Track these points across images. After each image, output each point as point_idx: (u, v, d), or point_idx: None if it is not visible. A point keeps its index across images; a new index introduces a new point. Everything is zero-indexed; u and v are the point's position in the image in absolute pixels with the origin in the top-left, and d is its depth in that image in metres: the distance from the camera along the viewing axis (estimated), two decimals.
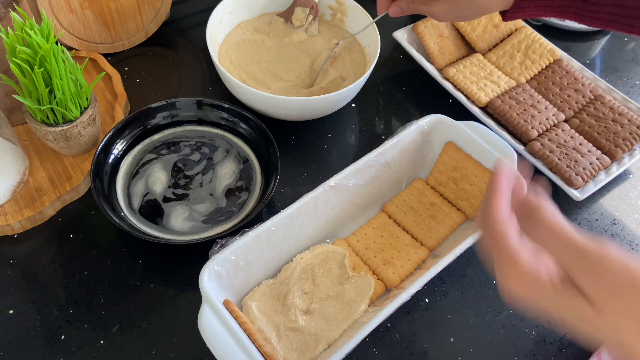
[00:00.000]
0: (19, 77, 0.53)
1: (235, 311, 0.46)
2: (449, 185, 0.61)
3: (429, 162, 0.63)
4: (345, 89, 0.63)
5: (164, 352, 0.51)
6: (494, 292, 0.58)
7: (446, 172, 0.61)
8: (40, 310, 0.53)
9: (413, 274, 0.55)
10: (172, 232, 0.57)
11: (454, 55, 0.76)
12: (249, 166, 0.64)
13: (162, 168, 0.62)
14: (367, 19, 0.72)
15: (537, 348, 0.54)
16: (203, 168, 0.63)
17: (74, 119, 0.58)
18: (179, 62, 0.77)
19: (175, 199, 0.60)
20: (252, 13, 0.77)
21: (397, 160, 0.61)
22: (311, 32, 0.76)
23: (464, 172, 0.60)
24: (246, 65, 0.72)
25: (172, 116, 0.65)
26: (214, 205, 0.60)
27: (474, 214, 0.59)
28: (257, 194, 0.61)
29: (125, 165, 0.62)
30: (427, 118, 0.61)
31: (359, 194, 0.59)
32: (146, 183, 0.61)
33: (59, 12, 0.68)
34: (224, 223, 0.59)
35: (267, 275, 0.54)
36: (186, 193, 0.60)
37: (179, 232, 0.58)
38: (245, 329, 0.45)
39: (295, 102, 0.63)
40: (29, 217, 0.57)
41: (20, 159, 0.60)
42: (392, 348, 0.53)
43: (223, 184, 0.62)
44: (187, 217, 0.59)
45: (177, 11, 0.82)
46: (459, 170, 0.60)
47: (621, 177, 0.69)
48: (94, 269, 0.56)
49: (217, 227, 0.58)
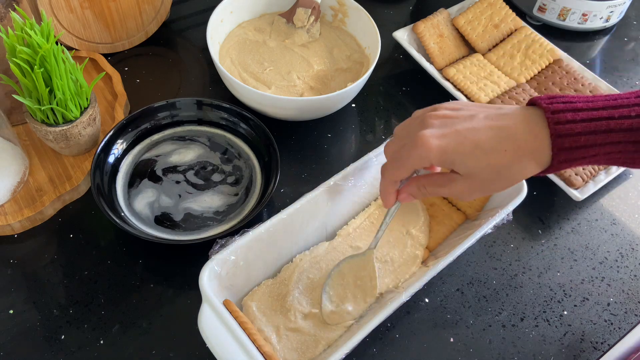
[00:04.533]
0: (19, 77, 0.53)
1: (235, 311, 0.46)
2: None
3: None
4: (345, 89, 0.63)
5: (164, 352, 0.51)
6: (494, 292, 0.58)
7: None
8: (40, 310, 0.53)
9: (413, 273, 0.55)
10: (172, 231, 0.57)
11: (454, 55, 0.76)
12: (249, 166, 0.64)
13: (160, 170, 0.62)
14: (369, 19, 0.72)
15: (537, 348, 0.54)
16: (203, 168, 0.63)
17: (74, 119, 0.58)
18: (179, 62, 0.77)
19: (175, 198, 0.60)
20: (254, 13, 0.77)
21: None
22: (313, 33, 0.76)
23: None
24: (247, 65, 0.72)
25: (172, 116, 0.65)
26: (214, 205, 0.60)
27: (474, 214, 0.59)
28: (257, 194, 0.61)
29: (125, 165, 0.62)
30: None
31: (359, 194, 0.59)
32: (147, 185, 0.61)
33: (59, 12, 0.68)
34: (224, 223, 0.59)
35: (267, 275, 0.54)
36: (187, 192, 0.60)
37: (176, 230, 0.58)
38: (245, 328, 0.45)
39: (295, 102, 0.63)
40: (29, 217, 0.57)
41: (20, 159, 0.60)
42: (392, 348, 0.53)
43: (223, 183, 0.62)
44: (187, 216, 0.59)
45: (177, 11, 0.82)
46: None
47: (621, 177, 0.69)
48: (94, 269, 0.56)
49: (217, 227, 0.58)
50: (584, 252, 0.62)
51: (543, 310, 0.57)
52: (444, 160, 0.43)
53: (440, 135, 0.43)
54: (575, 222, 0.64)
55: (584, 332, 0.56)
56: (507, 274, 0.59)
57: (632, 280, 0.60)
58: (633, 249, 0.62)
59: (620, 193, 0.68)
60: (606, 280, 0.60)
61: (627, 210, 0.66)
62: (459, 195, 0.45)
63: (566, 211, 0.65)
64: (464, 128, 0.43)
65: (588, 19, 0.84)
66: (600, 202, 0.66)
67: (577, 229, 0.64)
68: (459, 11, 0.80)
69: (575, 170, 0.63)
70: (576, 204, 0.66)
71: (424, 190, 0.47)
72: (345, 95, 0.65)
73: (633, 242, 0.63)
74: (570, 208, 0.66)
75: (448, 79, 0.73)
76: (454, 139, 0.43)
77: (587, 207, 0.66)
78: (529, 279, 0.59)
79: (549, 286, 0.59)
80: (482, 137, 0.42)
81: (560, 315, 0.57)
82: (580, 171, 0.63)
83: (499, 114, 0.43)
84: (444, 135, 0.43)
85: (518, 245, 0.62)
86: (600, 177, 0.64)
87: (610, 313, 0.57)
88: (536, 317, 0.56)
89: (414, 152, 0.44)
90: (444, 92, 0.73)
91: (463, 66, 0.74)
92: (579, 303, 0.58)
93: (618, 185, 0.68)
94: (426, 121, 0.44)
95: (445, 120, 0.44)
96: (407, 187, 0.48)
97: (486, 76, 0.73)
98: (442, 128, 0.44)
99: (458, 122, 0.44)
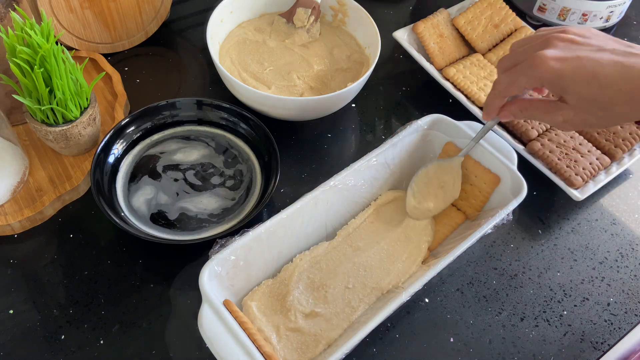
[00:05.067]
0: (19, 77, 0.53)
1: (235, 311, 0.46)
2: None
3: (429, 161, 0.63)
4: (345, 89, 0.63)
5: (164, 352, 0.51)
6: (494, 292, 0.58)
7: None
8: (40, 310, 0.53)
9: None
10: (169, 231, 0.57)
11: (454, 55, 0.76)
12: (249, 166, 0.64)
13: (161, 168, 0.62)
14: (369, 19, 0.72)
15: (537, 348, 0.54)
16: (204, 170, 0.63)
17: (74, 119, 0.58)
18: (179, 62, 0.77)
19: (175, 198, 0.60)
20: (254, 13, 0.77)
21: (397, 160, 0.61)
22: (313, 33, 0.76)
23: (463, 172, 0.60)
24: (247, 66, 0.72)
25: (172, 116, 0.65)
26: (209, 207, 0.60)
27: (474, 213, 0.59)
28: (257, 194, 0.61)
29: (125, 165, 0.62)
30: (426, 118, 0.61)
31: (359, 193, 0.59)
32: (147, 183, 0.61)
33: (59, 12, 0.68)
34: (224, 223, 0.59)
35: (267, 275, 0.54)
36: (184, 192, 0.60)
37: (177, 230, 0.58)
38: (245, 328, 0.45)
39: (295, 102, 0.63)
40: (29, 217, 0.57)
41: (20, 159, 0.60)
42: (392, 348, 0.53)
43: (221, 187, 0.62)
44: (182, 216, 0.59)
45: (177, 11, 0.82)
46: None
47: (621, 177, 0.69)
48: (94, 269, 0.56)
49: (217, 227, 0.58)
50: (584, 252, 0.62)
51: (543, 310, 0.57)
52: (558, 85, 0.43)
53: (561, 58, 0.43)
54: (575, 222, 0.64)
55: (584, 332, 0.56)
56: (507, 274, 0.59)
57: (632, 280, 0.60)
58: (633, 249, 0.62)
59: (620, 193, 0.68)
60: (606, 280, 0.60)
61: (627, 210, 0.66)
62: (560, 124, 0.46)
63: (566, 211, 0.65)
64: (586, 56, 0.43)
65: (588, 19, 0.84)
66: (600, 202, 0.66)
67: (577, 229, 0.64)
68: (459, 11, 0.80)
69: (575, 170, 0.63)
70: (576, 204, 0.66)
71: (526, 112, 0.47)
72: (345, 95, 0.65)
73: (633, 242, 0.63)
74: (570, 208, 0.66)
75: (448, 79, 0.73)
76: (573, 65, 0.43)
77: (587, 207, 0.66)
78: (529, 279, 0.59)
79: (549, 286, 0.59)
80: (602, 71, 0.42)
81: (560, 315, 0.57)
82: (580, 171, 0.63)
83: (627, 51, 0.43)
84: (565, 59, 0.43)
85: (518, 245, 0.62)
86: (600, 177, 0.64)
87: (610, 313, 0.57)
88: (536, 317, 0.56)
89: (530, 71, 0.44)
90: (444, 92, 0.73)
91: (463, 66, 0.74)
92: (579, 303, 0.58)
93: (618, 185, 0.68)
94: (550, 41, 0.44)
95: (569, 44, 0.44)
96: (511, 105, 0.48)
97: (486, 76, 0.73)
98: (564, 51, 0.43)
99: (583, 49, 0.43)
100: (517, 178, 0.56)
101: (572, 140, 0.66)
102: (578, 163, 0.64)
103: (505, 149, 0.58)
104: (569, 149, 0.65)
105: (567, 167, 0.63)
